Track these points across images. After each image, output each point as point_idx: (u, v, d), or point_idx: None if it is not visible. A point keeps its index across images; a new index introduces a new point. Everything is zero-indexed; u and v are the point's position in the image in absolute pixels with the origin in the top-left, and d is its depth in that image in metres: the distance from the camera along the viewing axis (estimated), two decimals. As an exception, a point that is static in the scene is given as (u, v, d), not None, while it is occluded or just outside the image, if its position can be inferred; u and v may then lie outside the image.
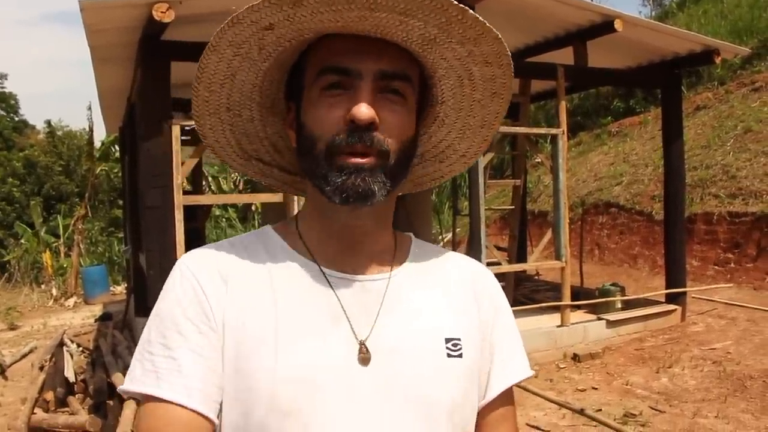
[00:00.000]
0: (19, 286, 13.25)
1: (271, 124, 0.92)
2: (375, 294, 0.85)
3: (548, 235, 6.81)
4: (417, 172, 0.98)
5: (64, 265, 13.37)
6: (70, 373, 5.69)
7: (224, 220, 16.18)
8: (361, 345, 0.81)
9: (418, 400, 0.81)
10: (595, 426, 4.24)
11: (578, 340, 6.09)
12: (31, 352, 7.42)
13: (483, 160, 5.93)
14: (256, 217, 15.62)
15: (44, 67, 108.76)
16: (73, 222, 14.21)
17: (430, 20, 0.77)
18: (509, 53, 0.83)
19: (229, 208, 16.16)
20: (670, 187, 6.95)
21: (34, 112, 66.13)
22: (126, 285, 10.62)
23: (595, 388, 5.04)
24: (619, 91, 14.40)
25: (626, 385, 5.05)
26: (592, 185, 11.71)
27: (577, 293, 6.58)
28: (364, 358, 0.80)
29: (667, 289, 6.88)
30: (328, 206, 0.84)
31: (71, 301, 11.65)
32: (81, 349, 7.16)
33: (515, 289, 7.35)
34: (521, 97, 7.52)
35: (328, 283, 0.84)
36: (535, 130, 8.12)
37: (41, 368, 6.25)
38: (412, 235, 0.98)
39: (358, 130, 0.78)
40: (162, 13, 3.86)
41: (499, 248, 7.99)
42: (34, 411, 4.97)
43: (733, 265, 8.20)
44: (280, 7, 0.74)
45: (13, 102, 25.86)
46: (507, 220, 9.81)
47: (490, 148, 6.87)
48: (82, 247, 13.86)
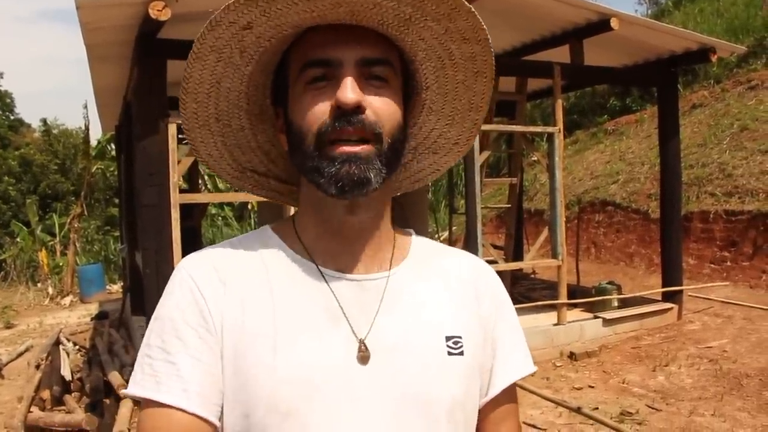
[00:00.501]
0: (15, 284, 13.22)
1: (262, 132, 0.91)
2: (374, 292, 0.85)
3: (544, 234, 6.81)
4: (413, 168, 0.97)
5: (60, 264, 13.35)
6: (66, 372, 5.68)
7: (220, 218, 16.17)
8: (361, 343, 0.81)
9: (418, 398, 0.80)
10: (592, 424, 4.24)
11: (575, 338, 6.10)
12: (27, 350, 7.40)
13: (479, 159, 5.93)
14: (252, 216, 15.60)
15: (40, 66, 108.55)
16: (69, 220, 14.17)
17: None
18: (485, 27, 0.82)
19: (225, 207, 16.13)
20: (666, 186, 6.97)
21: (30, 111, 65.96)
22: (122, 283, 10.61)
23: (592, 387, 5.05)
24: (616, 90, 14.42)
25: (623, 384, 5.06)
26: (588, 183, 11.72)
27: (574, 292, 6.59)
28: (363, 357, 0.80)
29: (663, 287, 6.90)
30: (323, 202, 0.83)
31: (67, 300, 11.63)
32: (77, 347, 7.14)
33: (512, 288, 7.36)
34: (518, 96, 7.53)
35: (326, 282, 0.84)
36: (532, 129, 8.13)
37: (37, 367, 6.23)
38: (412, 231, 0.97)
39: (346, 114, 0.77)
40: (158, 11, 3.85)
41: (495, 247, 8.01)
42: (31, 409, 4.97)
43: (729, 264, 8.22)
44: (255, 3, 0.74)
45: (9, 100, 25.77)
46: (503, 219, 9.82)
47: (487, 147, 6.87)
48: (78, 245, 13.83)
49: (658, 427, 4.21)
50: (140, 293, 5.72)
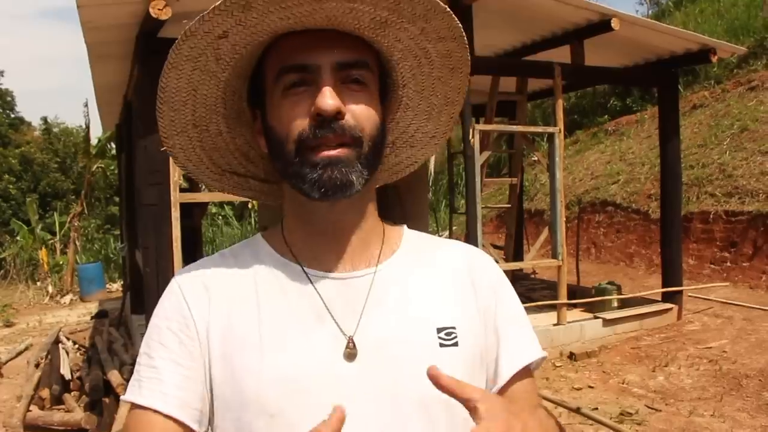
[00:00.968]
0: (15, 283, 13.21)
1: (240, 135, 0.91)
2: (360, 289, 0.85)
3: (545, 234, 6.81)
4: (390, 161, 0.97)
5: (60, 263, 13.34)
6: (65, 371, 5.68)
7: (221, 217, 16.16)
8: (349, 341, 0.81)
9: (409, 393, 0.80)
10: (592, 425, 4.24)
11: (575, 338, 6.10)
12: (26, 349, 7.40)
13: (480, 159, 5.93)
14: (252, 215, 15.59)
15: (41, 64, 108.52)
16: (69, 219, 14.16)
17: (379, 3, 0.76)
18: (460, 25, 0.83)
19: (225, 206, 16.12)
20: (666, 186, 6.96)
21: (31, 109, 65.96)
22: (122, 282, 10.61)
23: (592, 387, 5.05)
24: (616, 90, 14.42)
25: (622, 384, 5.06)
26: (588, 184, 11.72)
27: (574, 292, 6.59)
28: (350, 354, 0.80)
29: (663, 287, 6.90)
30: (307, 205, 0.84)
31: (67, 299, 11.63)
32: (77, 346, 7.14)
33: (512, 288, 7.35)
34: (518, 96, 7.53)
35: (311, 283, 0.85)
36: (532, 129, 8.13)
37: (37, 365, 6.23)
38: (405, 226, 0.97)
39: (326, 122, 0.77)
40: (159, 10, 3.85)
41: (495, 247, 8.01)
42: (30, 408, 4.97)
43: (729, 264, 8.22)
44: (230, 13, 0.74)
45: (10, 99, 25.76)
46: (504, 219, 9.81)
47: (487, 146, 6.87)
48: (78, 244, 13.83)
49: (658, 427, 4.21)
50: (140, 292, 5.72)
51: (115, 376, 5.15)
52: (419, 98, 0.92)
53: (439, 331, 0.84)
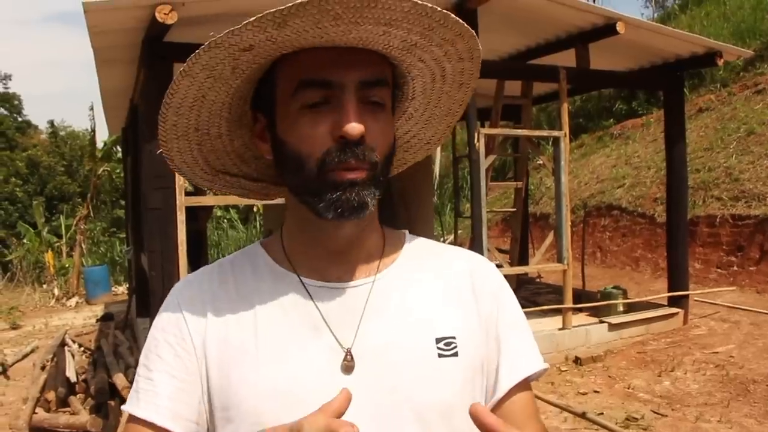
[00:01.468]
0: (21, 285, 13.26)
1: (239, 138, 0.90)
2: (358, 299, 0.84)
3: (550, 238, 6.80)
4: None
5: (66, 265, 13.39)
6: (71, 373, 5.70)
7: (226, 221, 16.18)
8: (347, 353, 0.80)
9: (406, 404, 0.79)
10: (597, 430, 4.23)
11: (580, 343, 6.08)
12: (32, 351, 7.43)
13: (485, 162, 5.92)
14: (257, 219, 15.62)
15: (48, 68, 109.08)
16: (75, 222, 14.23)
17: (414, 28, 0.76)
18: (481, 47, 0.83)
19: (230, 210, 16.15)
20: (672, 190, 6.94)
21: (38, 113, 66.37)
22: (128, 285, 10.64)
23: (597, 392, 5.03)
24: (622, 93, 14.39)
25: (628, 389, 5.04)
26: (594, 187, 11.69)
27: (579, 296, 6.57)
28: (348, 366, 0.80)
29: (669, 292, 6.87)
30: (314, 221, 0.83)
31: (73, 301, 11.67)
32: (82, 349, 7.17)
33: (517, 292, 7.31)
34: (523, 100, 7.53)
35: (308, 293, 0.84)
36: (537, 133, 8.13)
37: (43, 368, 6.26)
38: (406, 232, 0.96)
39: (350, 145, 0.76)
40: (165, 14, 3.86)
41: (500, 251, 7.99)
42: (36, 411, 4.98)
43: (736, 268, 8.18)
44: (263, 30, 0.71)
45: (17, 102, 25.96)
46: (509, 223, 9.80)
47: (493, 150, 6.87)
48: (84, 247, 13.88)
49: (664, 432, 4.19)
50: (146, 295, 5.73)
51: (120, 379, 5.15)
52: (423, 109, 0.92)
53: (438, 341, 0.83)
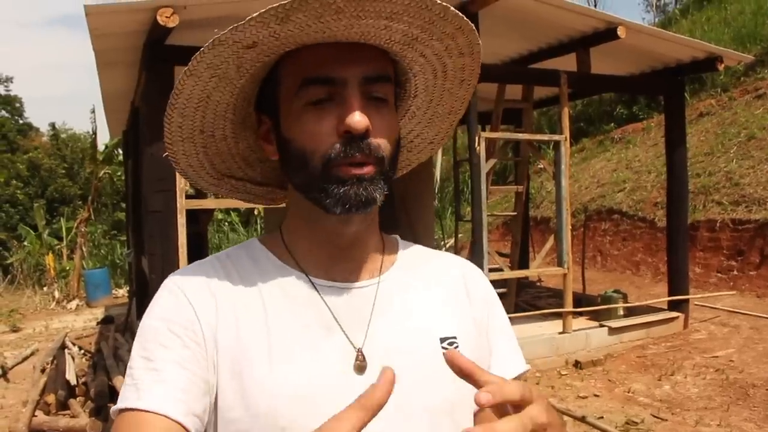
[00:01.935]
0: (22, 288, 13.27)
1: (244, 140, 0.90)
2: (365, 299, 0.85)
3: (550, 242, 6.80)
4: None
5: (67, 268, 13.38)
6: (71, 376, 5.69)
7: (227, 224, 16.17)
8: (359, 353, 0.80)
9: (418, 403, 0.80)
10: (597, 433, 4.22)
11: (580, 347, 6.07)
12: (32, 354, 7.42)
13: (486, 166, 5.92)
14: (258, 222, 15.62)
15: (49, 71, 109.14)
16: (76, 225, 14.22)
17: (415, 21, 0.77)
18: (480, 42, 0.83)
19: (231, 212, 16.15)
20: (673, 194, 6.95)
21: (39, 115, 66.54)
22: (128, 288, 10.64)
23: (597, 396, 5.03)
24: (622, 98, 14.40)
25: (628, 393, 5.03)
26: (594, 192, 11.70)
27: (579, 300, 6.57)
28: (360, 366, 0.80)
29: (669, 296, 6.87)
30: (318, 216, 0.83)
31: (73, 304, 11.66)
32: (83, 351, 7.17)
33: (517, 296, 7.34)
34: (524, 103, 7.53)
35: (318, 293, 0.84)
36: (538, 137, 8.13)
37: (43, 371, 6.25)
38: (398, 236, 0.98)
39: (355, 140, 0.77)
40: (166, 17, 3.87)
41: (501, 254, 7.99)
42: (35, 413, 4.97)
43: (736, 273, 8.18)
44: (266, 25, 0.72)
45: (18, 105, 26.00)
46: (509, 226, 9.80)
47: (493, 154, 6.87)
48: (84, 249, 13.87)
49: (664, 437, 4.19)
50: (146, 298, 5.73)
51: (120, 382, 5.13)
52: (426, 107, 0.93)
53: (442, 341, 0.85)
